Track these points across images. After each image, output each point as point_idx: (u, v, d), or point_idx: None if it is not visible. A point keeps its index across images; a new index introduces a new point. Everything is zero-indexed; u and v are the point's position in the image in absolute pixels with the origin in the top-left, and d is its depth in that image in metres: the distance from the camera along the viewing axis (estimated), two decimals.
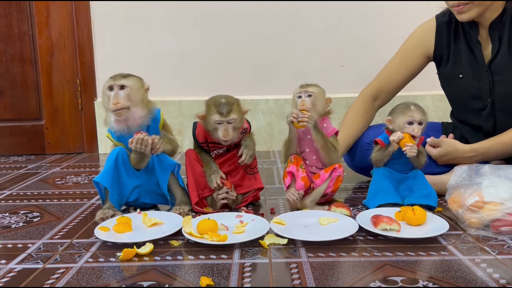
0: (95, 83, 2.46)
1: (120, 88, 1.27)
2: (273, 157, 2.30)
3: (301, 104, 1.34)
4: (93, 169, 2.08)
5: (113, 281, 0.93)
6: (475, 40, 1.47)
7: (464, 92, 1.53)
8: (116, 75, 1.30)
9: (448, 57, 1.55)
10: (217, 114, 1.30)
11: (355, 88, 2.47)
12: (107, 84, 1.28)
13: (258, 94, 2.47)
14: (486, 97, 1.47)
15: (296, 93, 1.38)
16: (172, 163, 1.36)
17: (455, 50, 1.53)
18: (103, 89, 1.29)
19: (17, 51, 2.41)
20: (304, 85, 1.37)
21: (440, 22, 1.56)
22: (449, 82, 1.58)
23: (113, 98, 1.26)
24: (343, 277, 0.93)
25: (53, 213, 1.42)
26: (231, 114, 1.30)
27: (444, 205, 1.36)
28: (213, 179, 1.35)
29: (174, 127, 2.40)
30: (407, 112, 1.32)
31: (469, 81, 1.50)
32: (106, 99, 1.29)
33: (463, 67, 1.51)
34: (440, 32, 1.56)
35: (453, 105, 1.65)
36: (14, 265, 1.02)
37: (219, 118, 1.30)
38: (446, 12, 1.56)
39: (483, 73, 1.47)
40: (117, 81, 1.27)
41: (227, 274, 0.95)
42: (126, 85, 1.27)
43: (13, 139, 2.46)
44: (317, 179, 1.40)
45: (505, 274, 0.93)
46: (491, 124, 1.49)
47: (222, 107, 1.30)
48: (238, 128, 1.34)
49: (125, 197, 1.36)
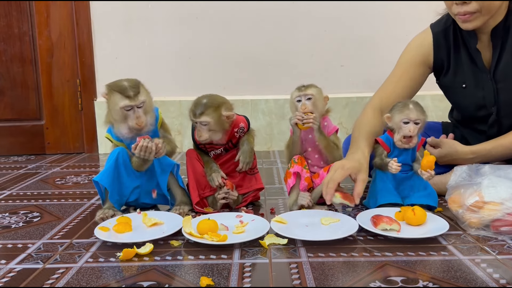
0: (95, 83, 2.46)
1: (138, 107, 1.27)
2: (273, 157, 2.30)
3: (303, 108, 1.33)
4: (93, 169, 2.08)
5: (113, 281, 0.93)
6: (474, 48, 1.43)
7: (468, 101, 1.50)
8: (130, 95, 1.25)
9: (448, 67, 1.51)
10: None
11: (355, 88, 2.49)
12: (122, 103, 1.25)
13: (258, 94, 2.47)
14: (490, 105, 1.45)
15: (294, 97, 1.37)
16: (172, 164, 1.36)
17: (455, 60, 1.48)
18: (116, 107, 1.26)
19: (17, 51, 2.41)
20: (302, 88, 1.36)
21: (436, 32, 1.50)
22: (451, 92, 1.55)
23: (136, 118, 1.27)
24: (343, 277, 0.93)
25: (53, 213, 1.42)
26: (202, 116, 1.29)
27: (444, 205, 1.36)
28: (214, 178, 1.36)
29: (174, 127, 2.40)
30: (404, 110, 1.32)
31: (473, 90, 1.46)
32: (121, 116, 1.27)
33: (465, 77, 1.47)
34: (438, 44, 1.50)
35: (456, 111, 1.63)
36: (14, 265, 1.02)
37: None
38: (441, 20, 1.51)
39: (486, 81, 1.43)
40: (135, 101, 1.26)
41: (227, 274, 0.95)
42: (144, 101, 1.28)
43: (13, 139, 2.46)
44: (316, 179, 1.40)
45: (505, 274, 0.93)
46: (495, 130, 1.48)
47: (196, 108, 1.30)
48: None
49: (125, 197, 1.36)
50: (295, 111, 1.36)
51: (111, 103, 1.28)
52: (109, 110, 1.31)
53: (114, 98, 1.27)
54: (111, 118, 1.31)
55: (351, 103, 2.46)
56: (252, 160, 1.41)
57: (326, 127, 1.39)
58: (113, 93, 1.27)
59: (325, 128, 1.39)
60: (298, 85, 1.38)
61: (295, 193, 1.37)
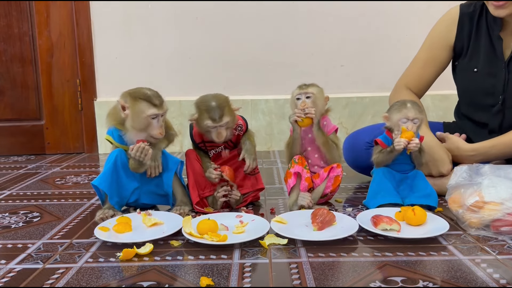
0: (95, 83, 2.46)
1: (162, 115, 1.28)
2: (273, 157, 2.30)
3: (302, 105, 1.34)
4: (93, 169, 2.08)
5: (113, 281, 0.93)
6: (497, 35, 1.46)
7: (476, 86, 1.52)
8: (156, 104, 1.25)
9: (467, 50, 1.54)
10: (209, 120, 1.30)
11: (355, 88, 2.49)
12: (150, 112, 1.25)
13: (258, 94, 2.47)
14: (498, 94, 1.47)
15: (295, 95, 1.37)
16: (177, 161, 1.37)
17: (474, 44, 1.52)
18: (143, 115, 1.25)
19: (17, 51, 2.41)
20: (303, 86, 1.37)
21: (463, 12, 1.54)
22: (463, 75, 1.58)
23: (160, 127, 1.28)
24: (343, 277, 0.93)
25: (53, 213, 1.42)
26: (223, 118, 1.30)
27: (444, 205, 1.36)
28: (209, 174, 1.36)
29: (174, 127, 2.38)
30: (402, 109, 1.33)
31: (484, 76, 1.49)
32: (145, 124, 1.27)
33: (479, 62, 1.50)
34: (463, 23, 1.54)
35: (462, 99, 1.64)
36: (14, 265, 1.02)
37: (212, 124, 1.30)
38: (470, 4, 1.54)
39: (500, 69, 1.46)
40: (162, 109, 1.27)
41: (227, 274, 0.95)
42: (167, 110, 1.30)
43: (13, 139, 2.46)
44: (316, 179, 1.40)
45: (505, 274, 0.93)
46: (498, 121, 1.49)
47: (214, 112, 1.29)
48: (231, 127, 1.35)
49: (125, 199, 1.36)
50: (295, 108, 1.36)
51: (135, 110, 1.25)
52: (131, 116, 1.27)
53: (140, 106, 1.25)
54: (129, 124, 1.28)
55: (351, 103, 2.46)
56: (256, 156, 1.41)
57: (325, 126, 1.39)
58: (138, 101, 1.25)
59: (325, 128, 1.39)
60: (299, 84, 1.38)
61: (295, 193, 1.37)
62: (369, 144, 1.54)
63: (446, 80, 1.69)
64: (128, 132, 1.30)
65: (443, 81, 1.69)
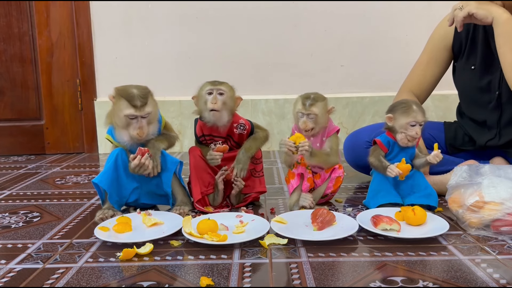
0: (95, 83, 2.46)
1: (142, 117, 1.27)
2: (273, 157, 2.30)
3: (303, 126, 1.32)
4: (93, 169, 2.08)
5: (113, 281, 0.93)
6: (493, 32, 1.44)
7: (474, 84, 1.53)
8: (136, 105, 1.24)
9: (464, 49, 1.56)
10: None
11: (355, 88, 2.49)
12: (127, 112, 1.24)
13: (258, 94, 2.47)
14: (494, 90, 1.48)
15: (297, 111, 1.34)
16: (176, 161, 1.36)
17: (471, 41, 1.53)
18: (121, 114, 1.25)
19: (17, 51, 2.41)
20: (307, 103, 1.31)
21: None
22: (462, 74, 1.59)
23: (138, 128, 1.26)
24: (343, 277, 0.93)
25: (53, 213, 1.42)
26: (221, 85, 1.38)
27: (444, 205, 1.36)
28: (209, 157, 1.36)
29: (174, 127, 2.36)
30: (410, 113, 1.31)
31: (481, 73, 1.50)
32: (124, 123, 1.26)
33: (476, 59, 1.52)
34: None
35: (462, 98, 1.65)
36: (14, 265, 1.02)
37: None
38: None
39: (496, 66, 1.47)
40: (141, 111, 1.25)
41: (227, 274, 0.95)
42: (149, 112, 1.27)
43: (13, 139, 2.46)
44: (318, 179, 1.40)
45: (505, 274, 0.93)
46: (495, 118, 1.50)
47: (213, 81, 1.38)
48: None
49: (125, 198, 1.36)
50: (297, 121, 1.35)
51: (116, 108, 1.26)
52: (113, 113, 1.29)
53: (120, 104, 1.25)
54: (113, 120, 1.31)
55: (351, 103, 2.46)
56: (246, 167, 1.38)
57: (326, 127, 1.39)
58: (120, 99, 1.25)
59: (326, 129, 1.38)
60: (304, 93, 1.35)
61: (296, 194, 1.37)
62: (369, 144, 1.54)
63: (446, 80, 1.69)
64: (115, 129, 1.31)
65: (443, 81, 1.69)
